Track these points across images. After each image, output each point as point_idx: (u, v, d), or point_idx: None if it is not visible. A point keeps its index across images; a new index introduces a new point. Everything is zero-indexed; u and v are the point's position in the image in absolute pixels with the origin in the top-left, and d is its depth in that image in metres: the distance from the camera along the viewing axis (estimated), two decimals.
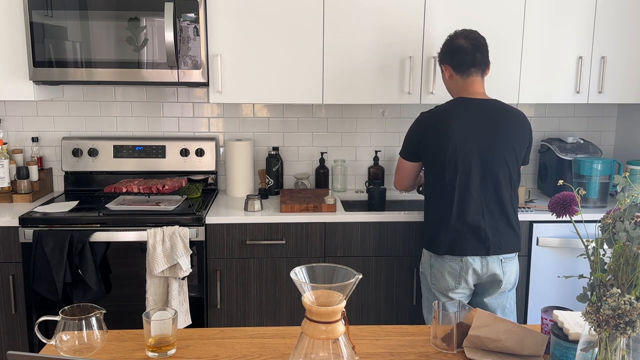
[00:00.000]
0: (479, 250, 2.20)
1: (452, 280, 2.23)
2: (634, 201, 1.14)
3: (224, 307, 2.67)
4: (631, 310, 1.01)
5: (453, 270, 2.22)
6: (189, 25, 2.63)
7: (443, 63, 2.35)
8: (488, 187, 2.21)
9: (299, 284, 1.18)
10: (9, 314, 2.57)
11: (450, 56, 2.30)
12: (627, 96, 2.88)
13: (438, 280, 2.26)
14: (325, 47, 2.74)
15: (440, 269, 2.25)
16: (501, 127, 2.22)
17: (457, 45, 2.27)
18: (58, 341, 1.37)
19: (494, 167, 2.20)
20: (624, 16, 2.80)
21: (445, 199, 2.23)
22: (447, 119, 2.22)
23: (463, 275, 2.22)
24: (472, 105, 2.24)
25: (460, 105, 2.26)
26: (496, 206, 2.22)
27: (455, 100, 2.30)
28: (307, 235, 2.64)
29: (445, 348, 1.45)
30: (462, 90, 2.30)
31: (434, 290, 2.29)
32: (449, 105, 2.29)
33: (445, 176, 2.21)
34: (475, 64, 2.26)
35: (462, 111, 2.23)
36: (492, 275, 2.24)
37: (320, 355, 1.18)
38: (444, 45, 2.34)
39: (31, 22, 2.58)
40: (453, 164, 2.19)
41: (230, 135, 3.18)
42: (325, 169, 3.16)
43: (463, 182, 2.20)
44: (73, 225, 2.52)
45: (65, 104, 3.09)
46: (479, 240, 2.20)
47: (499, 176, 2.21)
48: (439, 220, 2.25)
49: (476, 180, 2.20)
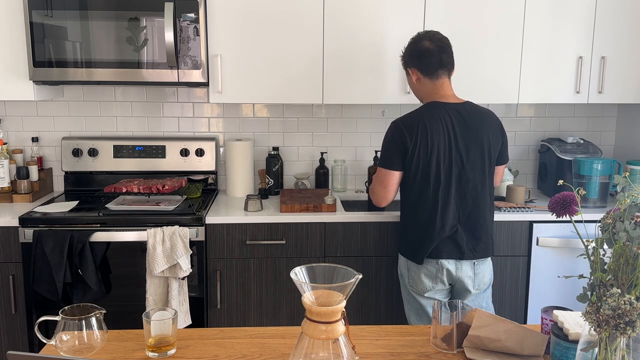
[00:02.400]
0: (453, 254, 2.21)
1: (429, 281, 2.23)
2: (634, 201, 1.14)
3: (224, 307, 2.67)
4: (631, 310, 1.01)
5: (429, 272, 2.22)
6: (189, 25, 2.63)
7: (409, 67, 2.28)
8: (466, 193, 2.19)
9: (299, 284, 1.18)
10: (9, 314, 2.57)
11: (416, 59, 2.24)
12: (627, 96, 2.88)
13: (415, 282, 2.26)
14: (325, 47, 2.74)
15: (417, 271, 2.25)
16: (476, 131, 2.19)
17: (423, 47, 2.21)
18: (58, 341, 1.37)
19: (472, 173, 2.18)
20: (624, 16, 2.80)
21: (429, 210, 2.19)
22: (428, 126, 2.15)
23: (439, 276, 2.22)
24: (449, 110, 2.19)
25: (436, 111, 2.19)
26: (473, 211, 2.20)
27: (429, 106, 2.23)
28: (307, 235, 2.64)
29: (445, 348, 1.45)
30: (433, 94, 2.25)
31: (412, 292, 2.28)
32: (425, 110, 2.22)
33: (429, 187, 2.17)
34: (442, 65, 2.22)
35: (440, 117, 2.17)
36: (464, 279, 2.23)
37: (320, 355, 1.18)
38: (408, 49, 2.28)
39: (31, 22, 2.58)
40: (436, 173, 2.16)
41: (230, 135, 3.18)
42: (325, 169, 3.15)
43: (445, 191, 2.18)
44: (73, 225, 2.52)
45: (65, 104, 3.09)
46: (455, 245, 2.20)
47: (476, 181, 2.19)
48: (421, 231, 2.21)
49: (455, 187, 2.18)
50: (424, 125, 2.16)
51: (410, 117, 2.23)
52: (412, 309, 2.31)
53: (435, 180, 2.17)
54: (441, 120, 2.17)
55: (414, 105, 3.11)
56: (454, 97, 2.25)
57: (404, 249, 2.31)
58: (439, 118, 2.18)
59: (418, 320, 2.29)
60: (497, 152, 2.26)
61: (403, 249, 2.32)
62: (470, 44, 2.76)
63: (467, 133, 2.18)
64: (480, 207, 2.21)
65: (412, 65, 2.27)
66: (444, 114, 2.19)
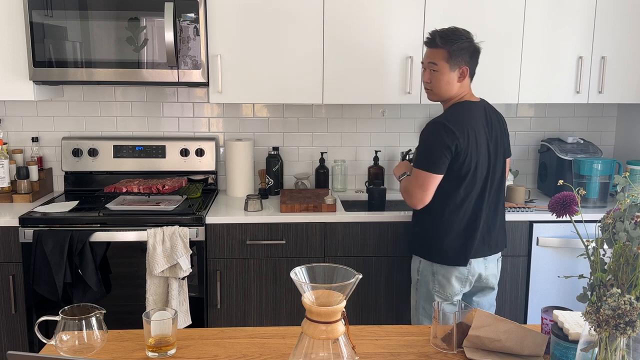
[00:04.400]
0: (483, 252, 2.22)
1: (459, 285, 2.21)
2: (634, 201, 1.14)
3: (224, 307, 2.67)
4: (631, 310, 1.01)
5: (461, 274, 2.20)
6: (189, 25, 2.63)
7: (463, 65, 2.16)
8: (493, 191, 2.21)
9: (299, 284, 1.18)
10: (9, 314, 2.57)
11: (472, 59, 2.18)
12: (627, 96, 2.88)
13: (443, 286, 2.21)
14: (325, 47, 2.74)
15: (446, 275, 2.20)
16: (496, 129, 2.23)
17: (476, 47, 2.19)
18: (58, 341, 1.37)
19: (497, 171, 2.22)
20: (624, 16, 2.80)
21: (471, 212, 2.17)
22: (474, 126, 2.13)
23: (469, 278, 2.21)
24: (480, 109, 2.20)
25: (474, 110, 2.18)
26: (497, 206, 2.26)
27: (464, 105, 2.19)
28: (307, 235, 2.64)
29: (445, 348, 1.45)
30: (465, 93, 2.22)
31: (437, 297, 2.23)
32: (465, 110, 2.17)
33: (474, 189, 2.15)
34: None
35: (478, 116, 2.17)
36: (489, 277, 2.26)
37: (320, 355, 1.18)
38: (465, 46, 2.15)
39: (31, 22, 2.58)
40: (481, 173, 2.15)
41: (230, 135, 3.18)
42: (325, 169, 3.15)
43: (485, 190, 2.18)
44: (73, 225, 2.52)
45: (65, 104, 3.09)
46: (484, 243, 2.21)
47: (500, 177, 2.24)
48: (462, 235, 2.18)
49: (486, 187, 2.19)
50: (471, 125, 2.13)
51: (456, 118, 2.14)
52: (426, 315, 2.27)
53: (480, 181, 2.16)
54: (479, 119, 2.18)
55: (414, 105, 3.13)
56: (474, 96, 2.26)
57: (442, 253, 2.20)
58: (477, 117, 2.18)
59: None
60: (506, 147, 2.31)
61: (435, 255, 2.22)
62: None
63: (492, 131, 2.21)
64: (501, 201, 2.27)
65: (466, 63, 2.17)
66: (479, 113, 2.19)
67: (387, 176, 3.20)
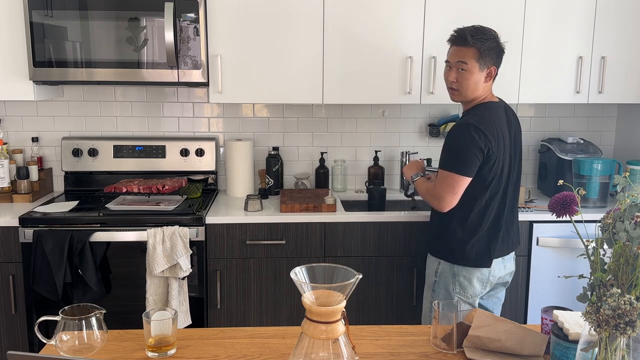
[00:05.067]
0: (502, 252, 2.22)
1: (480, 286, 2.20)
2: (634, 201, 1.14)
3: (224, 307, 2.67)
4: (631, 310, 1.01)
5: (482, 275, 2.19)
6: (189, 25, 2.63)
7: (492, 65, 2.14)
8: (511, 191, 2.22)
9: (299, 284, 1.18)
10: (9, 314, 2.57)
11: (498, 58, 2.16)
12: (627, 96, 2.88)
13: (465, 288, 2.19)
14: (326, 47, 2.74)
15: (467, 276, 2.18)
16: (516, 129, 2.24)
17: (502, 47, 2.16)
18: (58, 341, 1.37)
19: (516, 171, 2.23)
20: (624, 16, 2.80)
21: (496, 214, 2.16)
22: (501, 127, 2.11)
23: (490, 279, 2.20)
24: (503, 110, 2.19)
25: (499, 112, 2.16)
26: (514, 207, 2.27)
27: (490, 106, 2.16)
28: (307, 235, 2.64)
29: (445, 348, 1.45)
30: (488, 94, 2.20)
31: (461, 298, 2.20)
32: (492, 112, 2.14)
33: (499, 191, 2.14)
34: None
35: (504, 117, 2.16)
36: (507, 276, 2.29)
37: (320, 355, 1.18)
38: (494, 47, 2.12)
39: (31, 22, 2.58)
40: (506, 177, 2.15)
41: (230, 135, 3.18)
42: (325, 169, 3.15)
43: (503, 195, 2.17)
44: (73, 225, 2.52)
45: (65, 104, 3.09)
46: (503, 243, 2.22)
47: (516, 179, 2.25)
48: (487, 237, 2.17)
49: (508, 189, 2.19)
50: (500, 128, 2.11)
51: (487, 120, 2.09)
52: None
53: (503, 184, 2.16)
54: (504, 121, 2.16)
55: (414, 105, 3.13)
56: (494, 96, 2.25)
57: (461, 257, 2.18)
58: (503, 118, 2.16)
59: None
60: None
61: (458, 257, 2.19)
62: None
63: (514, 131, 2.21)
64: (517, 201, 2.29)
65: (494, 64, 2.15)
66: (503, 114, 2.18)
67: (387, 176, 3.20)
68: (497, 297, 2.35)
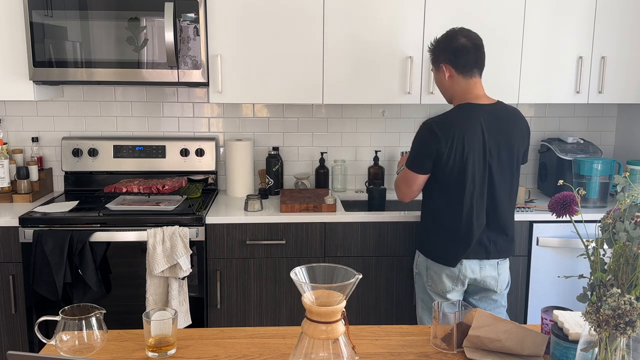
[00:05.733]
0: (480, 254, 2.20)
1: (450, 283, 2.22)
2: (634, 201, 1.14)
3: (224, 307, 2.67)
4: (631, 310, 1.01)
5: (452, 273, 2.21)
6: (189, 25, 2.63)
7: (442, 62, 2.20)
8: (496, 195, 2.18)
9: (299, 284, 1.18)
10: (9, 314, 2.57)
11: (452, 56, 2.17)
12: (627, 96, 2.88)
13: (435, 282, 2.24)
14: (325, 47, 2.74)
15: (437, 271, 2.23)
16: (508, 133, 2.17)
17: (460, 44, 2.16)
18: (58, 341, 1.37)
19: (502, 175, 2.18)
20: (624, 16, 2.80)
21: (462, 214, 2.16)
22: (464, 129, 2.11)
23: (461, 278, 2.21)
24: (482, 113, 2.15)
25: (471, 113, 2.15)
26: (501, 212, 2.20)
27: (464, 107, 2.18)
28: (307, 235, 2.64)
29: (445, 348, 1.45)
30: (466, 93, 2.20)
31: (430, 291, 2.27)
32: (460, 113, 2.18)
33: (463, 191, 2.14)
34: (477, 64, 2.19)
35: (475, 120, 2.14)
36: (487, 279, 2.23)
37: (320, 355, 1.18)
38: (443, 44, 2.20)
39: (31, 22, 2.58)
40: (471, 178, 2.14)
41: (230, 135, 3.18)
42: (325, 169, 3.15)
43: (479, 196, 2.16)
44: (73, 225, 2.52)
45: (65, 104, 3.09)
46: (482, 245, 2.20)
47: (506, 183, 2.19)
48: (453, 235, 2.19)
49: (488, 190, 2.17)
50: (460, 129, 2.11)
51: (445, 120, 2.16)
52: (427, 309, 2.30)
53: (470, 186, 2.14)
54: (476, 124, 2.13)
55: (414, 105, 3.13)
56: (486, 97, 2.22)
57: (431, 251, 2.25)
58: (474, 121, 2.13)
59: (430, 320, 2.28)
60: (522, 154, 2.25)
61: (429, 251, 2.27)
62: None
63: (500, 135, 2.16)
64: (507, 208, 2.22)
65: (447, 62, 2.19)
66: (479, 116, 2.15)
67: (387, 176, 3.20)
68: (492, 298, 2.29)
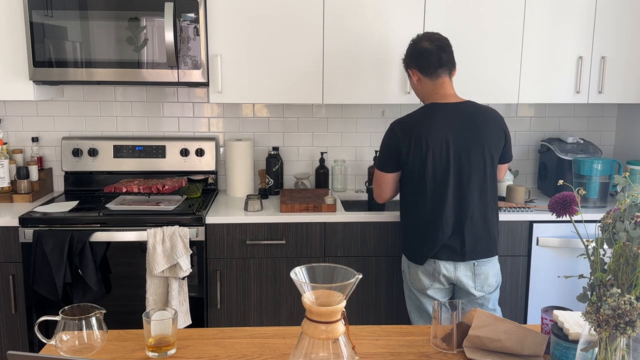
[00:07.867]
0: (453, 256, 2.20)
1: (427, 280, 2.24)
2: (634, 201, 1.14)
3: (224, 307, 2.67)
4: (631, 310, 1.01)
5: (426, 270, 2.24)
6: (189, 25, 2.63)
7: (410, 68, 2.30)
8: (467, 193, 2.17)
9: (299, 284, 1.18)
10: (9, 314, 2.57)
11: (416, 60, 2.26)
12: (627, 96, 2.88)
13: (415, 280, 2.28)
14: (325, 47, 2.74)
15: (415, 269, 2.27)
16: (477, 130, 2.18)
17: (422, 47, 2.24)
18: (58, 341, 1.37)
19: (472, 173, 2.17)
20: (624, 16, 2.80)
21: (427, 212, 2.19)
22: (424, 128, 2.17)
23: (436, 275, 2.23)
24: (447, 111, 2.20)
25: (434, 112, 2.20)
26: (474, 212, 2.18)
27: (428, 107, 2.25)
28: (307, 235, 2.64)
29: (445, 348, 1.45)
30: (433, 94, 2.25)
31: (413, 288, 2.31)
32: (423, 112, 2.24)
33: (425, 188, 2.18)
34: (441, 64, 2.22)
35: (438, 118, 2.18)
36: (462, 280, 2.22)
37: (320, 355, 1.18)
38: (408, 50, 2.31)
39: (31, 22, 2.58)
40: (432, 175, 2.17)
41: (230, 135, 3.18)
42: (325, 169, 3.15)
43: (443, 193, 2.17)
44: (73, 225, 2.52)
45: (65, 104, 3.09)
46: (455, 246, 2.19)
47: (477, 182, 2.18)
48: (420, 233, 2.22)
49: (454, 188, 2.17)
50: (419, 128, 2.18)
51: (406, 120, 2.26)
52: (413, 306, 2.34)
53: (431, 182, 2.17)
54: (438, 122, 2.17)
55: (414, 105, 3.11)
56: (454, 97, 2.25)
57: (405, 248, 2.34)
58: (436, 119, 2.18)
59: (419, 317, 2.30)
60: (499, 151, 2.24)
61: (404, 248, 2.35)
62: (471, 44, 2.75)
63: (468, 133, 2.17)
64: (482, 207, 2.20)
65: (412, 66, 2.30)
66: (443, 115, 2.19)
67: None
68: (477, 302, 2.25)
